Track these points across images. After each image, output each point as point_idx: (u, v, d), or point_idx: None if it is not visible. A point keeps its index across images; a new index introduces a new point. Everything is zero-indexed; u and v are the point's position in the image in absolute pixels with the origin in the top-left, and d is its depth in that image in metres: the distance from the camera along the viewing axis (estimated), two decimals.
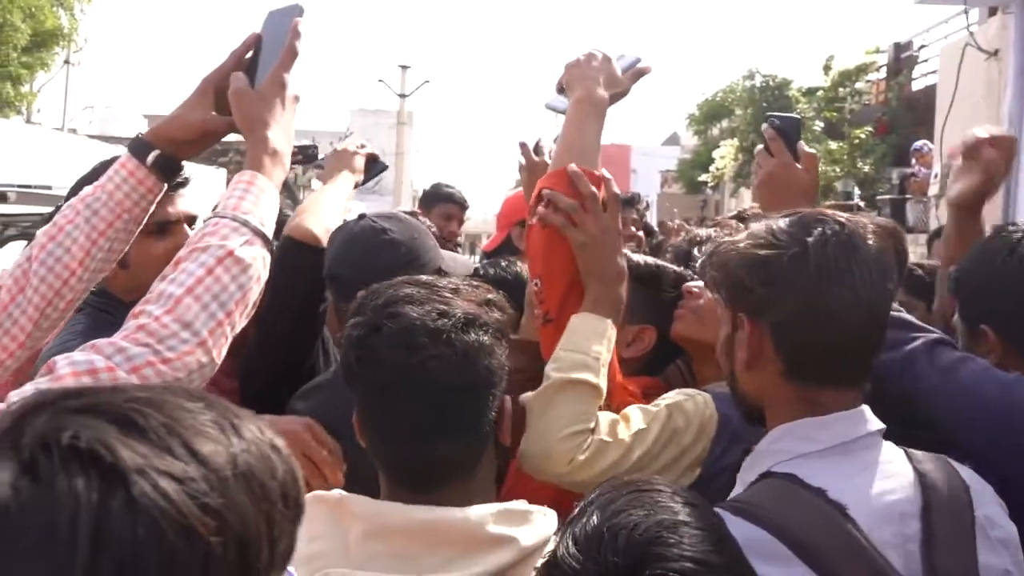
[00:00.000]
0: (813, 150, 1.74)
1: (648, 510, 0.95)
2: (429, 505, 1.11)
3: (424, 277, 1.23)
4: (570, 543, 0.95)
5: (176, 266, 1.17)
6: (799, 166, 1.65)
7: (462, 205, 4.32)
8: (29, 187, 5.61)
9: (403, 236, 1.78)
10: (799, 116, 1.99)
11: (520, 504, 1.16)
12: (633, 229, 3.86)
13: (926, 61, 13.09)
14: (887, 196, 11.07)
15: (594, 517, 0.95)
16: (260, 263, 1.20)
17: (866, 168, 12.96)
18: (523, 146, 1.86)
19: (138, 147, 1.37)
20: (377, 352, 1.13)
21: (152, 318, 1.10)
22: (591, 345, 1.42)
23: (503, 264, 2.07)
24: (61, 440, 0.58)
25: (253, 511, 0.61)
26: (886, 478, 1.17)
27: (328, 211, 1.97)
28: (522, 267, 2.08)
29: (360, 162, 2.19)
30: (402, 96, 27.90)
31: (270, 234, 1.24)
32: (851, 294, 1.17)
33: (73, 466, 0.56)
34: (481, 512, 1.11)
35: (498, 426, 1.20)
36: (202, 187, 2.11)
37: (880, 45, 14.80)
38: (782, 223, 1.22)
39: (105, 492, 0.56)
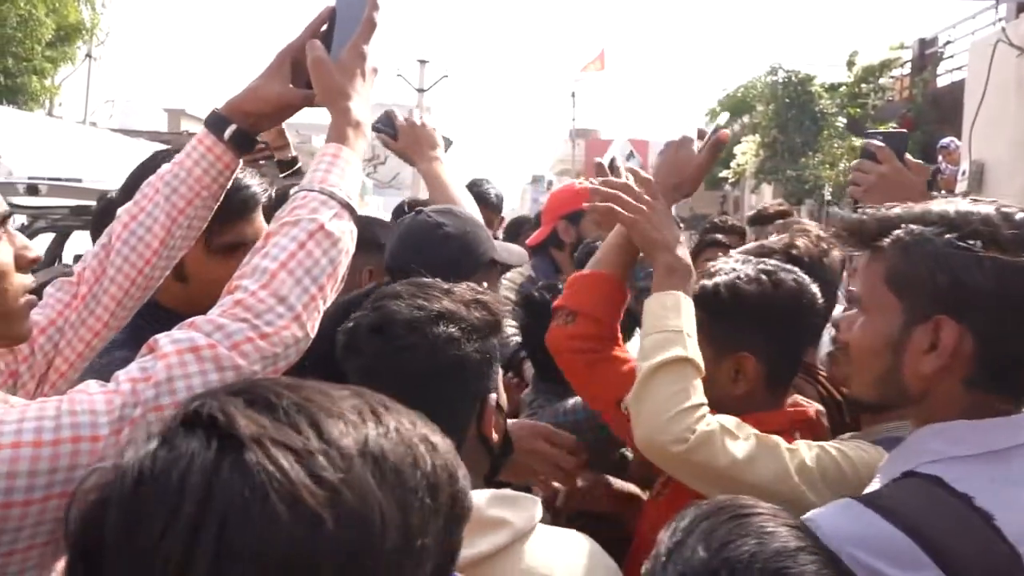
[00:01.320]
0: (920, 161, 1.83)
1: (757, 538, 0.91)
2: None
3: (424, 279, 1.31)
4: None
5: (267, 240, 1.16)
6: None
7: (498, 207, 4.26)
8: (59, 179, 5.63)
9: (458, 230, 1.85)
10: (905, 131, 2.03)
11: (509, 490, 1.24)
12: None
13: (951, 57, 12.99)
14: None
15: (699, 549, 0.91)
16: (348, 237, 1.20)
17: None
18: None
19: (215, 122, 1.36)
20: (359, 341, 1.23)
21: (248, 293, 1.10)
22: (667, 321, 1.41)
23: (559, 287, 1.99)
24: (188, 409, 0.64)
25: (381, 494, 0.62)
26: None
27: (461, 188, 2.15)
28: None
29: (439, 140, 2.26)
30: (420, 91, 27.91)
31: (356, 206, 1.24)
32: None
33: (197, 431, 0.62)
34: (477, 496, 1.17)
35: (481, 420, 1.26)
36: None
37: (904, 41, 14.69)
38: (1000, 220, 1.11)
39: (220, 454, 0.60)
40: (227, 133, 1.34)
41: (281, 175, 2.80)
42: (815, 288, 1.54)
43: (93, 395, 0.99)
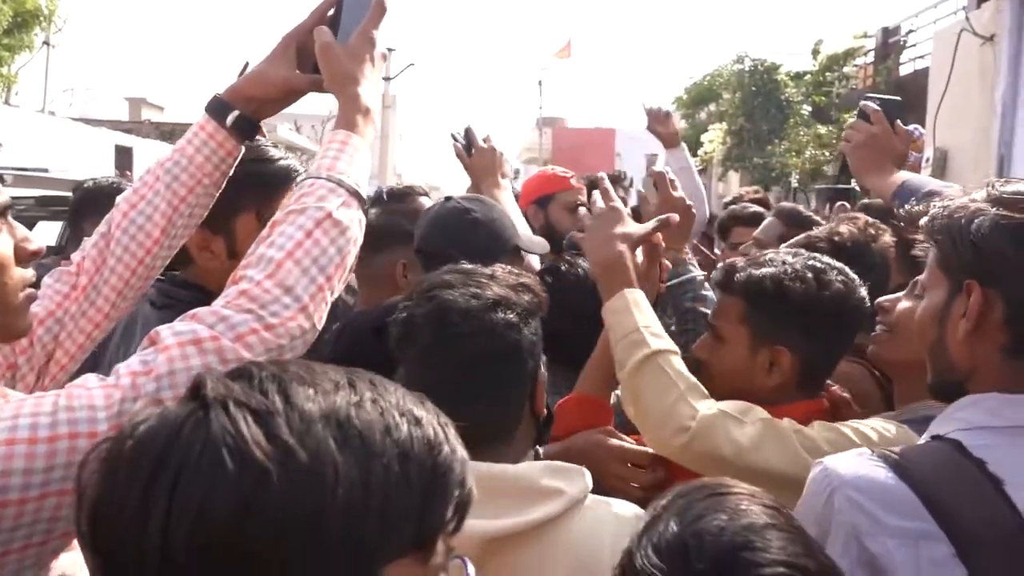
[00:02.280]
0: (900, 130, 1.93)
1: (730, 515, 0.92)
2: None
3: (467, 266, 1.34)
4: (650, 552, 0.91)
5: (273, 228, 1.12)
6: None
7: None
8: (25, 169, 5.52)
9: (485, 217, 1.92)
10: (900, 99, 2.16)
11: (562, 462, 1.28)
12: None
13: (914, 46, 13.17)
14: None
15: (672, 524, 0.92)
16: (357, 225, 1.17)
17: None
18: (660, 175, 1.83)
19: (216, 107, 1.32)
20: (416, 330, 1.26)
21: (254, 283, 1.06)
22: (623, 325, 1.48)
23: (562, 269, 1.98)
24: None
25: (340, 456, 0.63)
26: None
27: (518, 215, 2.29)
28: (582, 264, 1.98)
29: (506, 167, 2.37)
30: (386, 79, 27.73)
31: (365, 194, 1.21)
32: None
33: (186, 397, 0.68)
34: (534, 467, 1.24)
35: (532, 397, 1.31)
36: None
37: (868, 30, 14.89)
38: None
39: (188, 415, 0.65)
40: (229, 119, 1.31)
41: None
42: (863, 291, 1.53)
43: (92, 390, 0.95)
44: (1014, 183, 1.15)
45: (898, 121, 1.91)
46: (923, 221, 1.21)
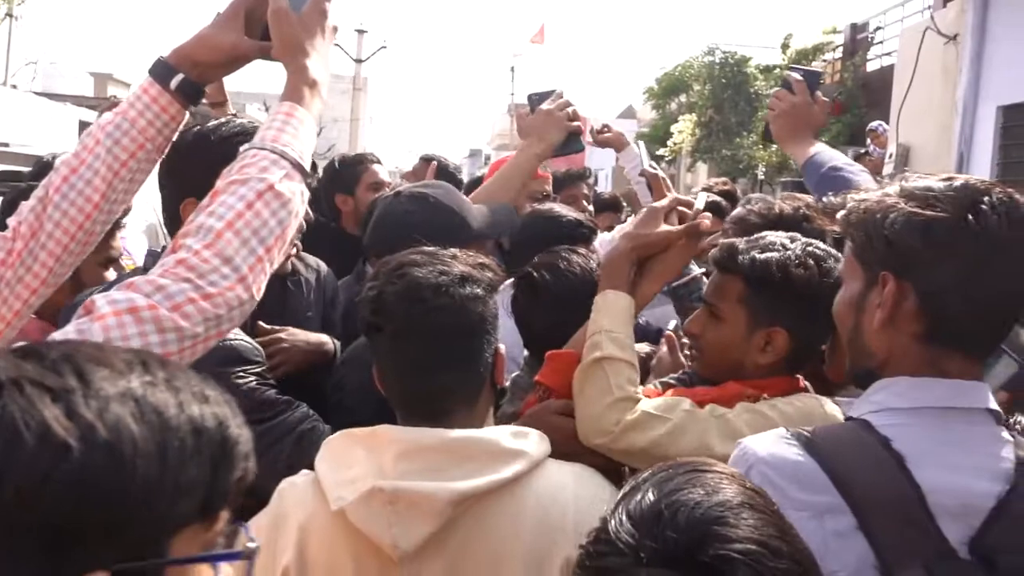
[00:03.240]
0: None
1: (708, 490, 0.93)
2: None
3: (428, 248, 1.40)
4: (624, 519, 0.92)
5: (214, 198, 1.11)
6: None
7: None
8: None
9: (425, 215, 1.92)
10: (820, 71, 2.40)
11: (524, 427, 1.38)
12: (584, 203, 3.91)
13: (881, 43, 13.31)
14: None
15: (650, 494, 0.93)
16: (299, 198, 1.16)
17: None
18: (653, 176, 1.85)
19: (160, 71, 1.30)
20: (388, 306, 1.31)
21: (192, 252, 1.05)
22: (595, 324, 1.55)
23: (562, 267, 1.93)
24: None
25: (137, 429, 0.65)
26: (972, 454, 1.12)
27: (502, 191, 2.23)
28: (579, 261, 1.94)
29: (559, 138, 2.27)
30: (358, 61, 27.49)
31: (308, 167, 1.20)
32: (1011, 266, 1.13)
33: None
34: (497, 431, 1.33)
35: (494, 368, 1.39)
36: None
37: (837, 25, 15.02)
38: (941, 185, 1.15)
39: None
40: (173, 83, 1.29)
41: None
42: None
43: None
44: (925, 178, 1.19)
45: (818, 92, 2.10)
46: (839, 215, 1.24)
